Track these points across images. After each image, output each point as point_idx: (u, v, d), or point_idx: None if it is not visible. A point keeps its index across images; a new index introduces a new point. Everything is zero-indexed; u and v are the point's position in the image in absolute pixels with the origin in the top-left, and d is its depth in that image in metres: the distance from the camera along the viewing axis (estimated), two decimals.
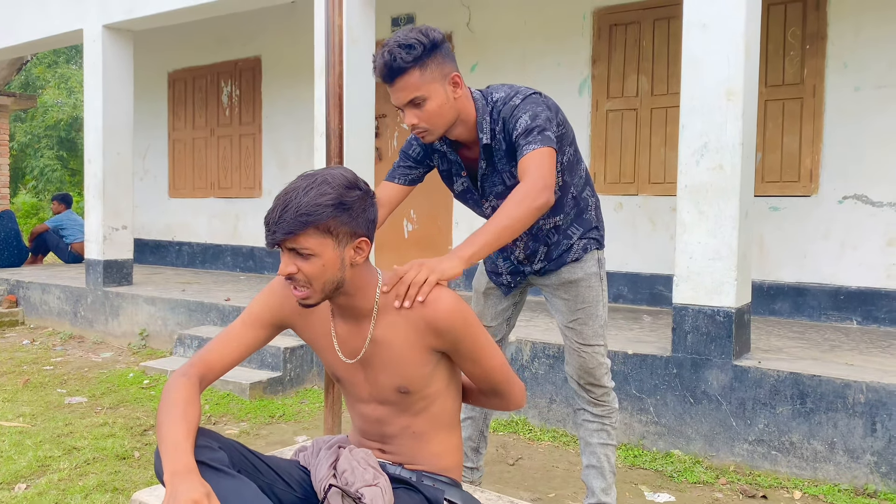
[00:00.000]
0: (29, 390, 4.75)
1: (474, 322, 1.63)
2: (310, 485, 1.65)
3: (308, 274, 1.52)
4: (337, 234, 1.51)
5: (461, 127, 2.16)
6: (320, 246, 1.50)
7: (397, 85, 2.01)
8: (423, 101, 2.03)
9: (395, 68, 1.98)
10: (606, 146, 5.59)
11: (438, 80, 2.03)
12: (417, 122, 2.06)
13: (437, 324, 1.58)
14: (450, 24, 6.30)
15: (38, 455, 3.49)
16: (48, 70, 20.88)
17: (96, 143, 6.39)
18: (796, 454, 3.32)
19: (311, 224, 1.48)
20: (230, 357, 1.67)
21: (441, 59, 2.03)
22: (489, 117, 2.16)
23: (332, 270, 1.53)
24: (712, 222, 3.48)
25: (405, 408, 1.67)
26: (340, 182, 1.52)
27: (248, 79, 7.85)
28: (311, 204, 1.48)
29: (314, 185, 1.50)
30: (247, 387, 4.58)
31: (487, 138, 2.16)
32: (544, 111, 2.10)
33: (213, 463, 1.43)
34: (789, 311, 4.90)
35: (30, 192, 20.42)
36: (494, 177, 2.25)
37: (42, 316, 7.01)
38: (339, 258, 1.53)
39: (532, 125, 2.05)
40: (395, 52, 1.97)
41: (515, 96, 2.14)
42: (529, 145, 2.03)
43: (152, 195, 8.89)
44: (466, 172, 2.30)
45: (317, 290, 1.54)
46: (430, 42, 1.99)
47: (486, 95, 2.19)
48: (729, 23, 3.41)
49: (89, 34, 6.40)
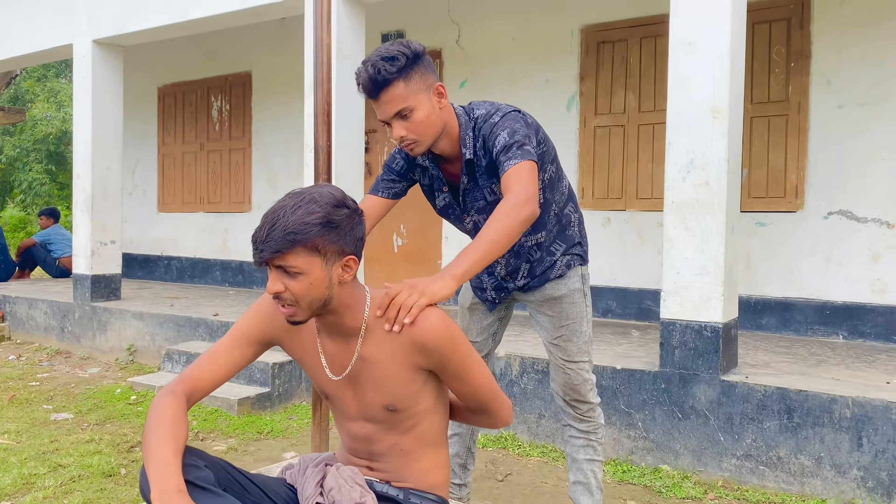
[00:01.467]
0: (14, 406, 4.71)
1: (462, 340, 1.63)
2: (296, 503, 1.65)
3: (295, 292, 1.52)
4: (325, 253, 1.52)
5: (445, 140, 2.17)
6: (308, 264, 1.50)
7: (383, 98, 2.02)
8: (409, 112, 2.03)
9: (380, 81, 1.98)
10: (594, 162, 5.63)
11: (423, 90, 2.04)
12: (406, 133, 2.06)
13: (425, 342, 1.58)
14: (439, 41, 6.35)
15: (23, 472, 3.45)
16: (37, 84, 20.83)
17: (85, 158, 6.37)
18: (784, 469, 3.33)
19: (298, 243, 1.48)
20: (218, 374, 1.67)
21: (424, 70, 2.04)
22: (471, 133, 2.17)
23: (319, 289, 1.53)
24: (699, 238, 3.50)
25: (393, 426, 1.67)
26: (328, 200, 1.52)
27: (238, 94, 7.87)
28: (299, 223, 1.48)
29: (302, 204, 1.50)
30: (235, 403, 4.55)
31: (470, 153, 2.17)
32: (522, 127, 2.11)
33: (199, 482, 1.42)
34: (776, 325, 4.93)
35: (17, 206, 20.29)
36: (476, 192, 2.26)
37: (29, 331, 6.96)
38: (327, 276, 1.54)
39: (511, 141, 2.06)
40: (379, 65, 1.97)
41: (495, 114, 2.15)
42: (510, 161, 2.04)
43: (141, 210, 8.87)
44: (448, 188, 2.31)
45: (304, 307, 1.55)
46: (413, 53, 2.00)
47: (468, 111, 2.21)
48: (714, 41, 3.46)
49: (79, 49, 6.40)
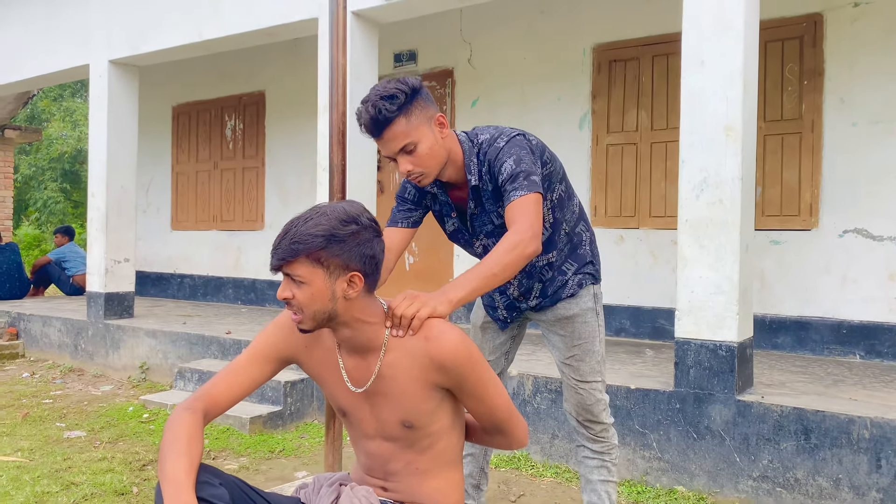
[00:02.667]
0: (28, 424, 4.72)
1: (479, 360, 1.64)
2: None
3: (300, 301, 1.57)
4: (327, 266, 1.55)
5: (451, 168, 2.18)
6: (310, 275, 1.55)
7: (386, 136, 2.04)
8: (413, 147, 2.05)
9: (382, 120, 2.01)
10: (607, 180, 5.63)
11: (424, 123, 2.06)
12: (412, 167, 2.08)
13: (443, 360, 1.59)
14: (451, 60, 6.39)
15: (36, 490, 3.45)
16: (53, 103, 21.12)
17: (100, 177, 6.43)
18: (801, 491, 3.28)
19: (301, 252, 1.53)
20: (235, 391, 1.68)
21: (423, 104, 2.06)
22: (476, 159, 2.18)
23: (321, 300, 1.56)
24: (713, 256, 3.49)
25: (410, 444, 1.67)
26: (337, 216, 1.56)
27: (251, 113, 7.93)
28: (304, 233, 1.54)
29: (314, 217, 1.56)
30: (247, 421, 4.55)
31: (475, 179, 2.18)
32: (528, 154, 2.11)
33: (213, 500, 1.42)
34: (791, 345, 4.89)
35: (33, 224, 20.50)
36: (483, 216, 2.26)
37: (42, 348, 6.99)
38: (330, 290, 1.56)
39: (517, 170, 2.07)
40: (379, 104, 2.00)
41: (499, 138, 2.16)
42: (516, 192, 2.05)
43: (155, 228, 8.93)
44: (456, 213, 2.32)
45: (308, 317, 1.59)
46: (411, 89, 2.02)
47: (472, 137, 2.22)
48: (727, 60, 3.46)
49: (95, 69, 6.49)
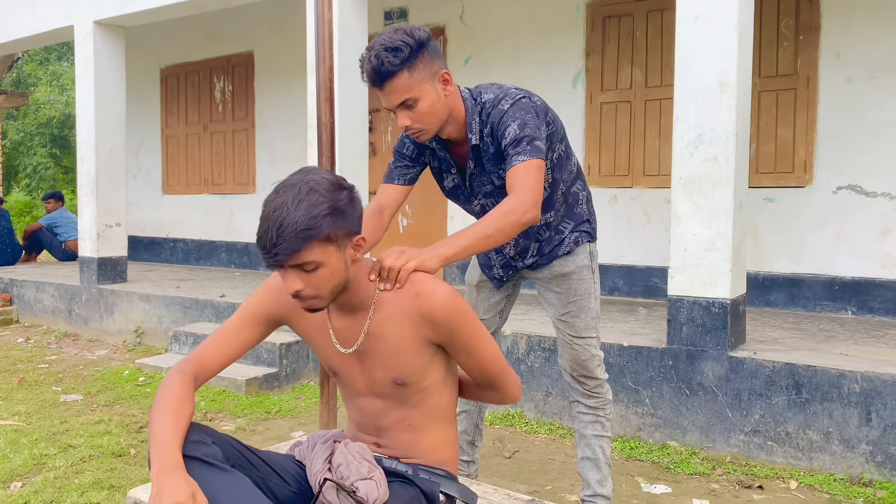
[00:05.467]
0: (24, 389, 4.73)
1: (469, 314, 1.63)
2: (305, 479, 1.65)
3: (316, 285, 1.50)
4: (337, 240, 1.49)
5: (452, 125, 2.14)
6: (325, 255, 1.48)
7: (387, 88, 1.97)
8: (414, 102, 2.00)
9: (384, 72, 1.94)
10: (601, 138, 5.59)
11: (428, 79, 2.00)
12: (411, 123, 2.03)
13: (433, 315, 1.58)
14: (443, 18, 6.28)
15: (34, 453, 3.48)
16: (40, 67, 20.78)
17: (89, 141, 6.36)
18: (792, 444, 3.32)
19: (312, 238, 1.44)
20: (226, 354, 1.67)
21: (429, 58, 1.99)
22: (478, 118, 2.14)
23: (338, 274, 1.53)
24: (707, 214, 3.48)
25: (402, 400, 1.67)
26: (327, 187, 1.48)
27: (240, 74, 7.82)
28: (308, 217, 1.43)
29: (303, 197, 1.45)
30: (242, 383, 4.57)
31: (476, 139, 2.15)
32: (533, 118, 2.08)
33: (206, 458, 1.42)
34: (784, 301, 4.91)
35: (23, 191, 20.35)
36: (483, 176, 2.24)
37: (36, 314, 6.98)
38: (343, 261, 1.53)
39: (521, 135, 2.03)
40: (382, 55, 1.92)
41: (504, 99, 2.10)
42: (519, 156, 2.01)
43: (146, 192, 8.87)
44: (457, 170, 2.28)
45: (325, 297, 1.54)
46: (417, 42, 1.95)
47: (475, 96, 2.16)
48: (722, 14, 3.41)
49: (80, 30, 6.36)
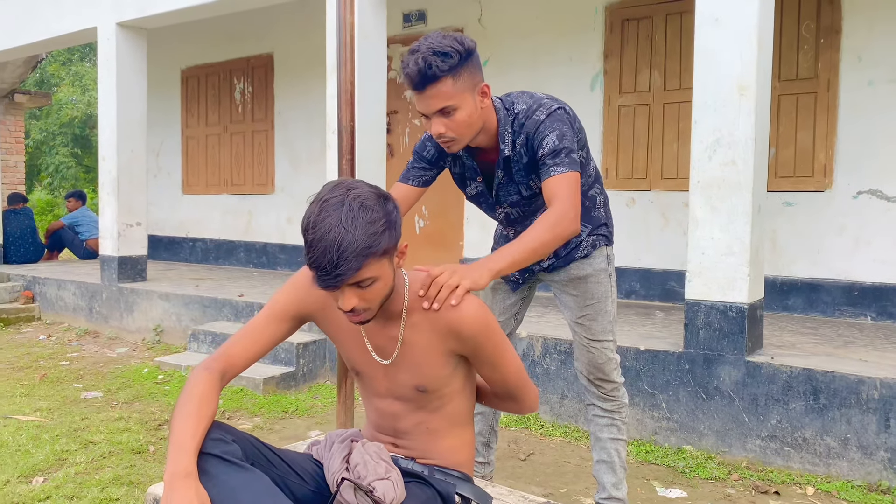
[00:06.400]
0: (46, 385, 4.80)
1: (496, 328, 1.64)
2: (322, 478, 1.66)
3: (370, 299, 1.51)
4: (388, 253, 1.51)
5: (483, 135, 2.13)
6: (380, 269, 1.49)
7: (428, 92, 1.94)
8: (453, 111, 1.97)
9: (429, 76, 1.91)
10: (618, 141, 5.58)
11: (469, 89, 1.98)
12: (445, 131, 2.01)
13: (461, 329, 1.59)
14: (461, 20, 6.30)
15: (56, 449, 3.53)
16: (62, 68, 21.03)
17: (110, 141, 6.44)
18: (809, 450, 3.30)
19: (372, 255, 1.45)
20: (253, 351, 1.68)
21: (473, 69, 1.98)
22: (510, 128, 2.12)
23: (389, 284, 1.54)
24: (725, 218, 3.47)
25: (421, 405, 1.69)
26: (375, 201, 1.47)
27: (260, 76, 7.88)
28: (367, 235, 1.42)
29: (356, 214, 1.43)
30: (260, 382, 4.61)
31: (509, 150, 2.13)
32: (569, 130, 2.07)
33: (225, 456, 1.44)
34: (803, 306, 4.88)
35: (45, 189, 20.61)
36: (510, 186, 2.23)
37: (58, 311, 7.08)
38: (392, 271, 1.55)
39: (560, 146, 2.03)
40: (431, 59, 1.89)
41: (539, 110, 2.09)
42: (557, 167, 2.02)
43: (166, 192, 8.96)
44: (482, 178, 2.27)
45: (376, 308, 1.55)
46: (466, 50, 1.93)
47: (507, 105, 2.15)
48: (742, 17, 3.39)
49: (103, 32, 6.45)
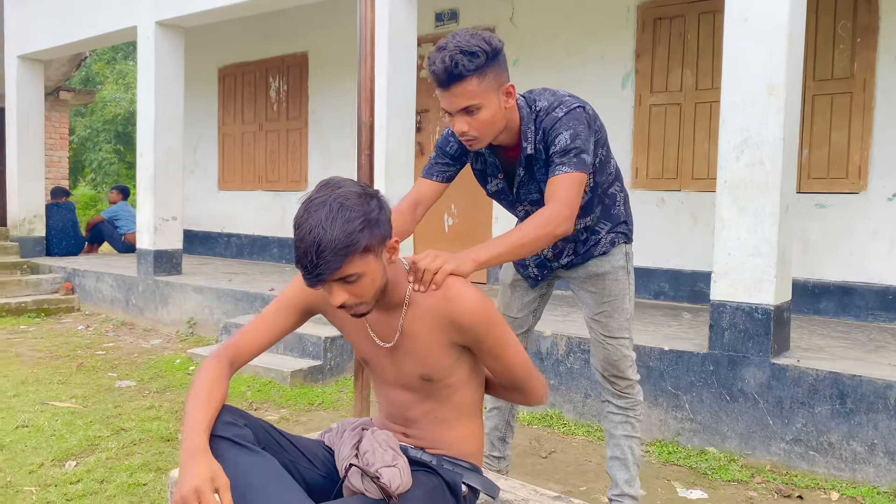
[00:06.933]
0: (82, 373, 4.94)
1: (497, 320, 1.66)
2: (333, 464, 1.70)
3: (360, 294, 1.55)
4: (374, 249, 1.53)
5: (506, 133, 2.14)
6: (365, 266, 1.52)
7: (454, 91, 1.95)
8: (477, 110, 1.99)
9: (455, 74, 1.92)
10: (649, 141, 5.54)
11: (494, 89, 1.99)
12: (468, 129, 2.02)
13: (461, 320, 1.61)
14: (493, 19, 6.31)
15: (88, 435, 3.64)
16: (107, 66, 21.55)
17: (148, 137, 6.59)
18: (835, 455, 3.26)
19: (353, 252, 1.48)
20: (262, 340, 1.73)
21: (498, 69, 1.99)
22: (533, 126, 2.13)
23: (379, 279, 1.57)
24: (752, 218, 3.43)
25: (429, 394, 1.72)
26: (356, 200, 1.50)
27: (295, 74, 7.99)
28: (345, 234, 1.46)
29: (335, 214, 1.47)
30: (288, 375, 4.68)
31: (531, 148, 2.14)
32: (584, 130, 2.07)
33: (236, 439, 1.49)
34: (834, 310, 4.79)
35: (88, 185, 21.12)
36: (531, 184, 2.24)
37: (96, 303, 7.27)
38: (382, 266, 1.58)
39: (571, 146, 2.04)
40: (458, 58, 1.90)
41: (559, 107, 2.10)
42: (563, 166, 2.02)
43: (202, 188, 9.13)
44: (503, 175, 2.29)
45: (370, 301, 1.59)
46: (493, 50, 1.94)
47: (530, 103, 2.16)
48: (771, 16, 3.36)
49: (143, 31, 6.60)
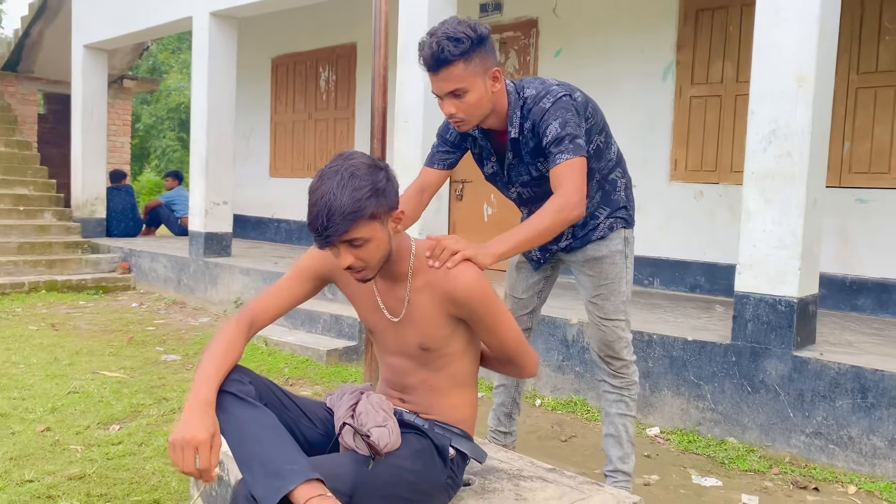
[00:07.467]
0: (132, 347, 5.22)
1: (491, 296, 1.76)
2: (332, 424, 1.83)
3: (366, 258, 1.68)
4: (380, 216, 1.66)
5: (494, 117, 2.25)
6: (371, 231, 1.65)
7: (441, 75, 2.08)
8: (463, 93, 2.11)
9: (442, 59, 2.04)
10: (689, 133, 5.52)
11: (480, 74, 2.10)
12: (455, 111, 2.14)
13: (457, 295, 1.73)
14: (536, 10, 6.35)
15: (133, 402, 3.87)
16: (172, 56, 22.25)
17: (201, 124, 6.88)
18: (854, 449, 3.25)
19: (360, 218, 1.61)
20: (278, 306, 1.87)
21: (484, 54, 2.10)
22: (519, 112, 2.23)
23: (383, 246, 1.70)
24: (777, 210, 3.43)
25: (425, 363, 1.83)
26: (366, 171, 1.64)
27: (344, 65, 8.18)
28: (353, 200, 1.59)
29: (346, 182, 1.61)
30: (324, 353, 4.86)
31: (515, 132, 2.24)
32: (573, 116, 2.15)
33: (239, 394, 1.62)
34: (872, 307, 4.72)
35: (153, 171, 21.89)
36: (520, 167, 2.34)
37: (150, 282, 7.61)
38: (387, 234, 1.70)
39: (562, 133, 2.12)
40: (444, 44, 2.03)
41: (545, 97, 2.19)
42: (562, 154, 2.11)
43: (255, 174, 9.41)
44: (496, 158, 2.39)
45: (374, 267, 1.71)
46: (478, 37, 2.06)
47: (518, 90, 2.25)
48: (804, 9, 3.34)
49: (197, 21, 6.87)
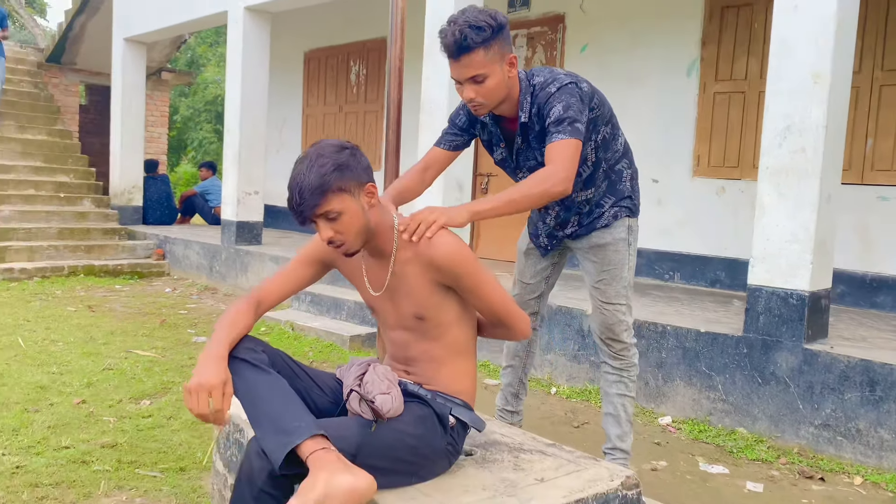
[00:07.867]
0: (164, 329, 5.43)
1: (472, 260, 1.89)
2: (341, 393, 1.96)
3: (343, 230, 1.82)
4: (349, 189, 1.80)
5: (507, 103, 2.37)
6: (341, 202, 1.79)
7: (463, 61, 2.20)
8: (483, 79, 2.23)
9: (464, 46, 2.17)
10: (712, 129, 5.55)
11: (498, 60, 2.23)
12: (475, 96, 2.27)
13: (438, 262, 1.85)
14: (563, 5, 6.42)
15: (163, 380, 4.06)
16: (210, 49, 22.64)
17: (234, 116, 7.06)
18: (862, 441, 3.29)
19: (327, 191, 1.76)
20: (284, 288, 2.03)
21: (503, 42, 2.23)
22: (529, 98, 2.34)
23: (358, 217, 1.83)
24: (791, 205, 3.48)
25: (423, 333, 1.95)
26: (330, 150, 1.79)
27: (374, 59, 8.32)
28: (319, 176, 1.75)
29: (313, 163, 1.77)
30: (347, 339, 5.01)
31: (525, 117, 2.36)
32: (577, 102, 2.26)
33: (253, 360, 1.76)
34: (892, 304, 4.71)
35: (190, 162, 22.32)
36: (528, 152, 2.45)
37: (184, 269, 7.84)
38: (360, 206, 1.83)
39: (563, 115, 2.23)
40: (466, 31, 2.15)
41: (552, 83, 2.31)
42: (559, 134, 2.21)
43: (288, 166, 9.44)
44: (505, 144, 2.51)
45: (353, 239, 1.84)
46: (498, 25, 2.19)
47: (529, 77, 2.37)
48: (821, 6, 3.38)
49: (232, 15, 7.06)
